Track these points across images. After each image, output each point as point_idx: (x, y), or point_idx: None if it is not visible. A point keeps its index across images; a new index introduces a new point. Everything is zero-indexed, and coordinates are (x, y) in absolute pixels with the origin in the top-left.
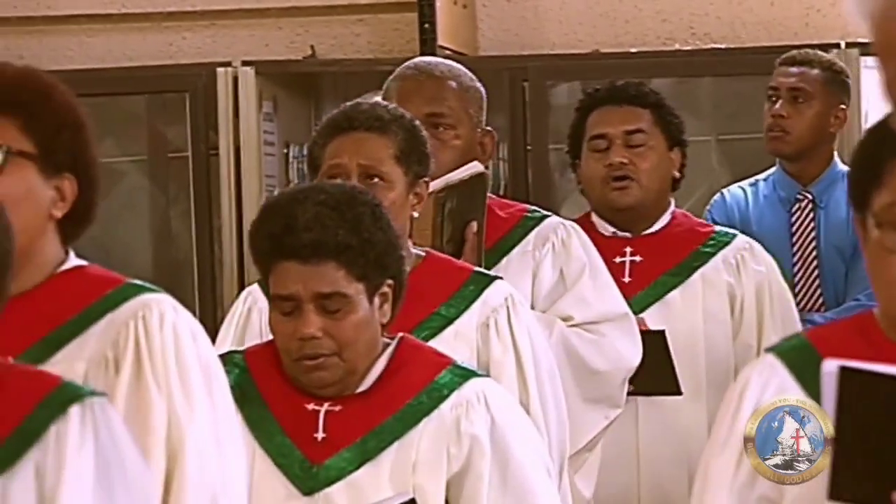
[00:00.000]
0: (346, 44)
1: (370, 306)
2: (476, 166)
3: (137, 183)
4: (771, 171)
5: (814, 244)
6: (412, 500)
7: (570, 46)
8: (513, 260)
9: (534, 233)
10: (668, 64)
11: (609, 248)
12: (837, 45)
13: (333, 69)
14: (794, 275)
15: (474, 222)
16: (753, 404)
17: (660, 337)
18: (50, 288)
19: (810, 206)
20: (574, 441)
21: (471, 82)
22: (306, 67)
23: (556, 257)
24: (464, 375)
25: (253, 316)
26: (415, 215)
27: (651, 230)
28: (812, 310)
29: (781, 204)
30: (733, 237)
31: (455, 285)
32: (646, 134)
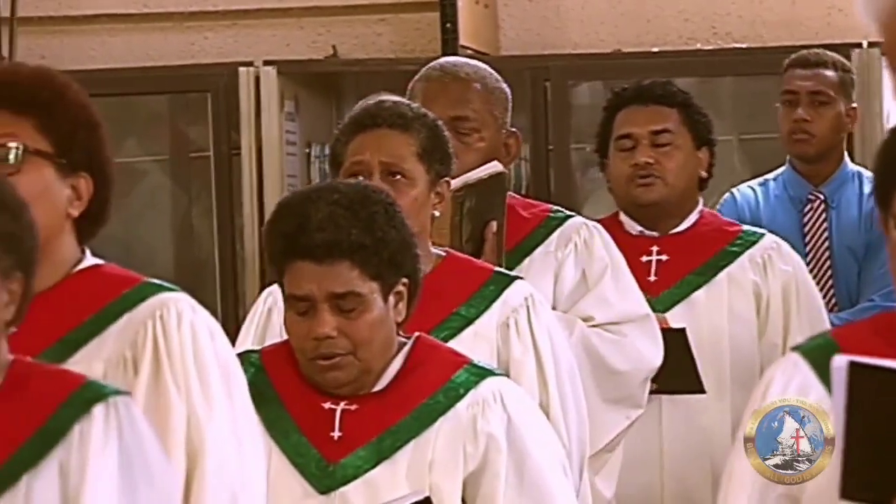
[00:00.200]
0: (368, 43)
1: (385, 305)
2: (495, 166)
3: (159, 182)
4: (780, 170)
5: (826, 244)
6: (427, 499)
7: (591, 46)
8: (535, 260)
9: (557, 233)
10: (689, 63)
11: (636, 247)
12: (859, 45)
13: (355, 69)
14: None
15: (494, 222)
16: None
17: (681, 335)
18: (67, 287)
19: (823, 205)
20: (595, 441)
21: (496, 83)
22: (328, 67)
23: (579, 257)
24: (480, 374)
25: (273, 316)
26: (436, 214)
27: (678, 229)
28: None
29: (792, 203)
30: (761, 237)
31: (475, 285)
32: (672, 133)
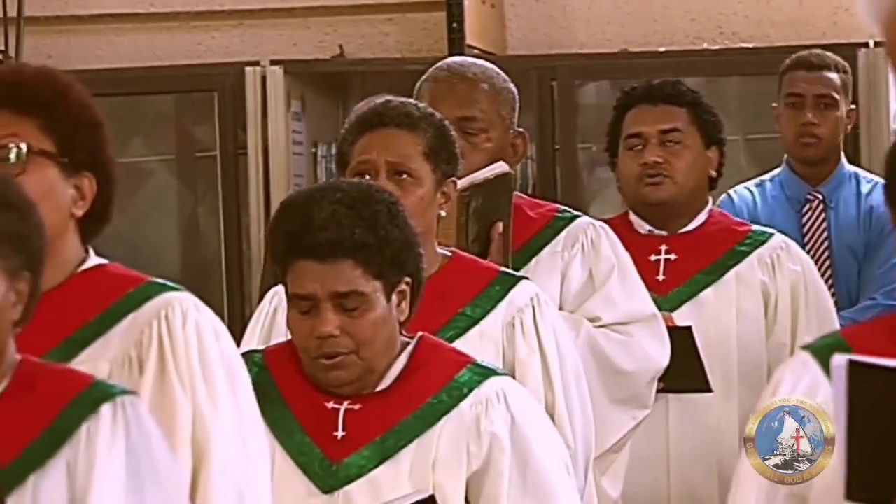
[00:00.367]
0: (375, 43)
1: (388, 304)
2: (501, 166)
3: (166, 182)
4: (776, 171)
5: (826, 244)
6: (431, 497)
7: (598, 46)
8: (542, 260)
9: (564, 233)
10: (696, 63)
11: (644, 246)
12: (866, 45)
13: (362, 68)
14: None
15: (500, 222)
16: None
17: (687, 333)
18: (72, 287)
19: (821, 206)
20: (601, 442)
21: (503, 84)
22: (335, 67)
23: (586, 258)
24: (483, 374)
25: (279, 316)
26: (442, 214)
27: (687, 228)
28: None
29: (790, 204)
30: (770, 236)
31: (481, 285)
32: (681, 132)
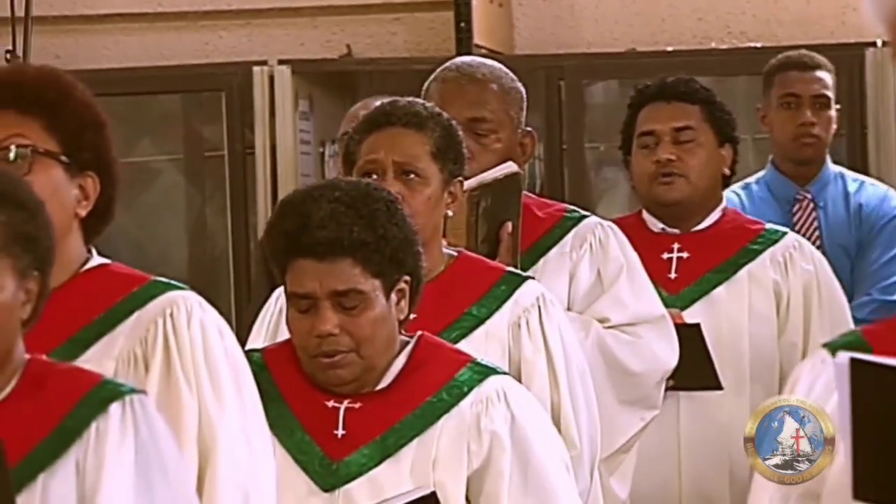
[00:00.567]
0: (383, 42)
1: (387, 303)
2: (510, 166)
3: (174, 181)
4: (761, 173)
5: (818, 243)
6: (433, 494)
7: (605, 45)
8: (550, 260)
9: (572, 233)
10: (704, 63)
11: (657, 244)
12: (874, 44)
13: (369, 68)
14: None
15: (509, 223)
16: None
17: (696, 330)
18: (76, 286)
19: (811, 205)
20: (609, 443)
21: (512, 83)
22: (342, 66)
23: (594, 258)
24: (483, 373)
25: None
26: (449, 214)
27: (700, 227)
28: None
29: (779, 204)
30: (783, 235)
31: (486, 285)
32: (694, 130)
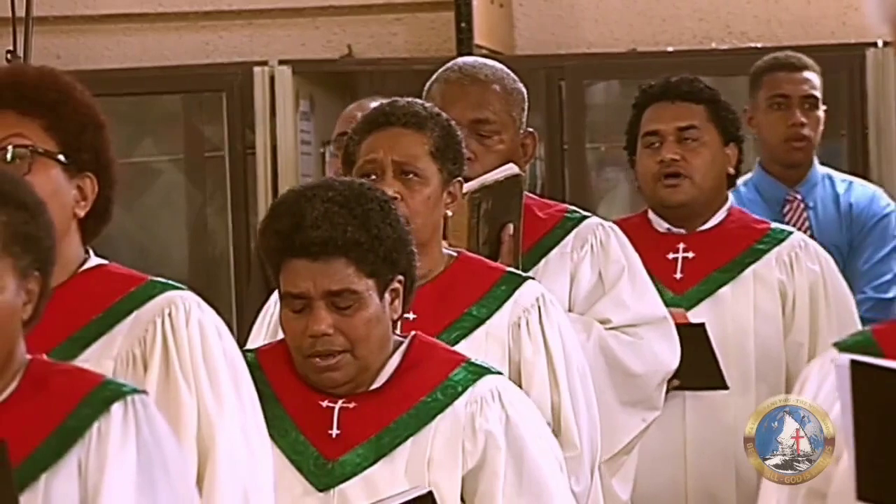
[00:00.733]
0: (383, 43)
1: (381, 302)
2: (511, 168)
3: (174, 181)
4: (748, 176)
5: None
6: (430, 493)
7: (606, 45)
8: (551, 261)
9: (573, 234)
10: (704, 63)
11: (662, 244)
12: (875, 44)
13: (370, 68)
14: None
15: (510, 224)
16: (811, 399)
17: (700, 330)
18: (74, 287)
19: (802, 206)
20: (611, 444)
21: (514, 84)
22: (343, 66)
23: (595, 259)
24: (478, 372)
25: None
26: (449, 214)
27: (706, 227)
28: None
29: (768, 205)
30: (789, 234)
31: (487, 285)
32: (699, 130)
